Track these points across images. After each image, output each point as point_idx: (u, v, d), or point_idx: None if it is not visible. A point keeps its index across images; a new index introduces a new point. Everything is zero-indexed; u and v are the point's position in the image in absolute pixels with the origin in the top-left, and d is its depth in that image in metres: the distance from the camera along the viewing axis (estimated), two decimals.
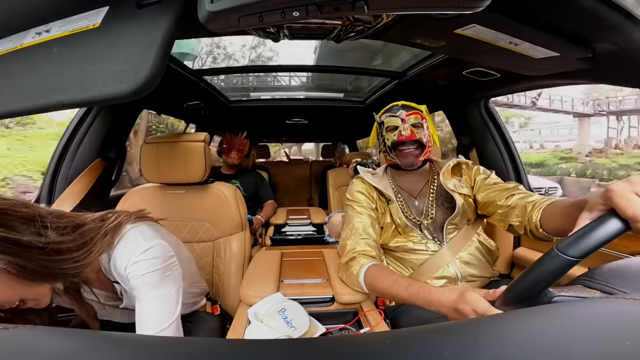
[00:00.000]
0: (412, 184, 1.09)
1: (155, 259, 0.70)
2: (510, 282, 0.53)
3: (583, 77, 0.97)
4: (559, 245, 0.46)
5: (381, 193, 1.06)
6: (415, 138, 1.00)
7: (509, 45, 0.78)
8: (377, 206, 1.06)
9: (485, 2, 0.42)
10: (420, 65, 1.44)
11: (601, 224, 0.46)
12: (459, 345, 0.28)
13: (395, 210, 1.02)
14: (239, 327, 0.82)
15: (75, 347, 0.30)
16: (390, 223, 1.02)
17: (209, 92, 1.86)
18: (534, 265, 0.47)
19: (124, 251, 0.69)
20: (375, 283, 0.85)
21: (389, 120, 1.04)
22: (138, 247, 0.69)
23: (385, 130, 1.06)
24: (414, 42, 0.90)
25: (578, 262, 0.44)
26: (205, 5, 0.42)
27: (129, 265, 0.68)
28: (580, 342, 0.25)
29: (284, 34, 0.83)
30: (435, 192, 1.05)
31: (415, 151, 1.03)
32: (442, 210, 1.02)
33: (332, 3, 0.42)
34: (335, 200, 2.56)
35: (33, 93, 0.45)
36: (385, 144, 1.06)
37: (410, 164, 1.04)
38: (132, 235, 0.71)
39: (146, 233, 0.73)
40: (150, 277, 0.69)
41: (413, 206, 1.05)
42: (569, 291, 0.47)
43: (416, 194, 1.07)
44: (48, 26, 0.48)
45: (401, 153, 1.03)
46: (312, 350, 0.29)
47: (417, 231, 1.00)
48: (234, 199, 1.27)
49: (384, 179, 1.11)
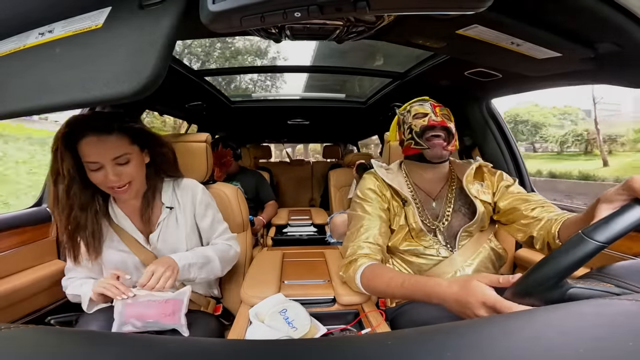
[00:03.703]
0: (430, 183, 1.02)
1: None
2: (525, 271, 0.50)
3: (585, 78, 0.97)
4: (584, 229, 0.45)
5: (396, 192, 0.99)
6: (446, 125, 0.95)
7: (511, 46, 0.78)
8: (390, 206, 0.99)
9: (487, 3, 0.42)
10: (421, 66, 1.44)
11: (628, 210, 0.46)
12: (461, 346, 0.27)
13: (411, 213, 0.95)
14: (240, 327, 0.82)
15: (75, 346, 0.30)
16: (404, 225, 0.96)
17: (211, 92, 1.86)
18: (557, 251, 0.46)
19: (190, 182, 1.04)
20: (372, 283, 0.84)
21: (418, 108, 0.99)
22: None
23: (412, 117, 0.99)
24: (416, 42, 0.90)
25: (605, 247, 0.43)
26: (207, 5, 0.42)
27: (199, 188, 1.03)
28: (587, 343, 0.25)
29: (286, 35, 0.83)
30: (454, 196, 0.99)
31: (443, 141, 0.95)
32: (459, 215, 0.97)
33: (333, 4, 0.42)
34: (337, 201, 2.55)
35: (35, 93, 0.45)
36: (411, 130, 0.99)
37: (438, 155, 0.95)
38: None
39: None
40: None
41: (430, 208, 0.99)
42: (585, 283, 0.45)
43: (434, 195, 1.00)
44: (51, 26, 0.48)
45: (430, 141, 0.95)
46: (313, 350, 0.29)
47: (430, 235, 0.95)
48: (236, 200, 1.27)
49: (399, 175, 1.04)
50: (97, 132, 0.80)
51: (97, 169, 0.81)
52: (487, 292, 0.56)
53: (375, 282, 0.83)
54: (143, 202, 0.95)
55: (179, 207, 1.00)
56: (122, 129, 0.84)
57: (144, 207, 0.94)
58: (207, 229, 1.03)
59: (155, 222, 0.96)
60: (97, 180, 0.83)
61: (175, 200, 1.00)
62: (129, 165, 0.85)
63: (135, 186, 0.89)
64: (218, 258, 0.98)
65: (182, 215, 1.00)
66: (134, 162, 0.86)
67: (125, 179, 0.85)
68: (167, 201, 0.98)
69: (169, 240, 0.96)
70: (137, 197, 0.94)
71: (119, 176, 0.83)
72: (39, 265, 1.16)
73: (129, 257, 0.93)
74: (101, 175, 0.82)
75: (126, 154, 0.84)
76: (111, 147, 0.81)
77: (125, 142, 0.85)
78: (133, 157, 0.86)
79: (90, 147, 0.79)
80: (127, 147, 0.85)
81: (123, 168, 0.84)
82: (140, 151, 0.90)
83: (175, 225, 0.98)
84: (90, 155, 0.80)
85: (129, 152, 0.85)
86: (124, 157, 0.84)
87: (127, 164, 0.85)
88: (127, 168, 0.85)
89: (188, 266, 0.89)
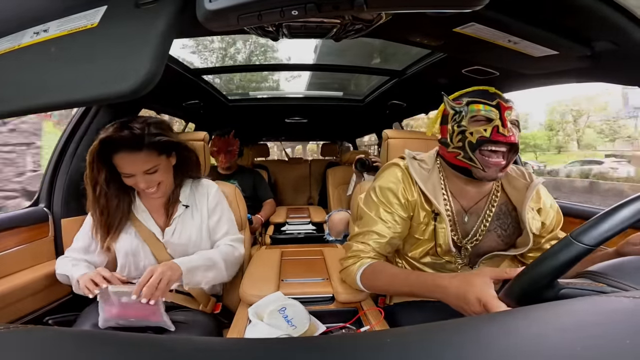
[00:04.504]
0: (468, 194, 0.85)
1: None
2: (517, 273, 0.51)
3: (582, 76, 0.97)
4: (573, 232, 0.45)
5: (427, 200, 0.82)
6: (515, 141, 0.73)
7: (508, 44, 0.78)
8: (415, 215, 0.84)
9: (484, 1, 0.42)
10: (419, 64, 1.44)
11: (616, 212, 0.45)
12: (459, 343, 0.28)
13: (443, 232, 0.81)
14: (240, 326, 0.82)
15: (75, 346, 0.30)
16: (430, 240, 0.83)
17: (208, 91, 1.85)
18: (545, 253, 0.46)
19: (207, 182, 1.13)
20: (374, 280, 0.82)
21: (481, 108, 0.75)
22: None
23: (469, 119, 0.76)
24: (413, 40, 0.90)
25: (592, 250, 0.43)
26: (204, 4, 0.42)
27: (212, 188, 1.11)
28: (585, 341, 0.25)
29: (283, 33, 0.83)
30: (494, 211, 0.83)
31: (504, 160, 0.75)
32: (493, 236, 0.83)
33: (331, 1, 0.42)
34: (335, 199, 2.56)
35: (31, 92, 0.45)
36: (464, 138, 0.76)
37: (492, 178, 0.76)
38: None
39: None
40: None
41: (461, 223, 0.84)
42: (577, 284, 0.46)
43: (469, 208, 0.84)
44: (46, 26, 0.48)
45: (487, 159, 0.74)
46: (312, 349, 0.29)
47: (454, 251, 0.83)
48: (234, 198, 1.26)
49: (434, 176, 0.85)
50: (129, 149, 0.89)
51: (129, 177, 0.92)
52: (484, 288, 0.56)
53: (377, 279, 0.81)
54: (166, 199, 1.04)
55: (195, 205, 1.07)
56: (150, 145, 0.91)
57: (166, 204, 1.04)
58: (213, 227, 1.08)
59: (172, 217, 1.03)
60: (130, 184, 0.94)
61: (191, 199, 1.08)
62: (157, 173, 0.95)
63: (163, 187, 0.99)
64: (223, 260, 1.01)
65: (197, 213, 1.07)
66: (162, 169, 0.96)
67: (155, 183, 0.96)
68: (184, 199, 1.06)
69: (183, 235, 1.03)
70: (163, 195, 1.03)
71: (149, 183, 0.94)
72: (37, 265, 1.15)
73: (142, 247, 1.00)
74: (133, 181, 0.93)
75: (155, 166, 0.94)
76: (142, 161, 0.91)
77: (154, 155, 0.93)
78: (161, 166, 0.96)
79: (124, 161, 0.90)
80: (155, 159, 0.94)
81: (152, 176, 0.94)
82: (167, 157, 0.99)
83: (190, 222, 1.05)
84: (124, 168, 0.91)
85: (157, 164, 0.94)
86: (153, 168, 0.93)
87: (156, 172, 0.94)
88: (156, 175, 0.95)
89: (192, 269, 0.93)
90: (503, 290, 0.54)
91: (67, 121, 1.33)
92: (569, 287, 0.45)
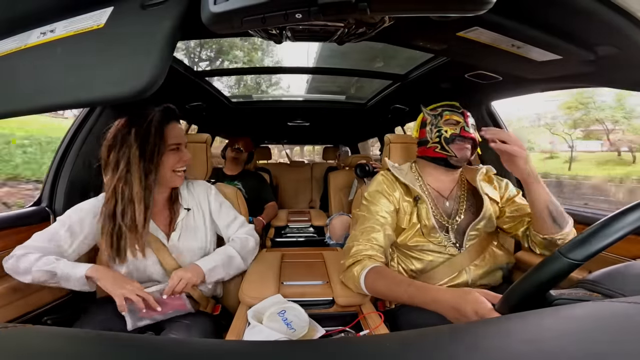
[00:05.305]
0: (444, 184, 1.07)
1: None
2: (510, 286, 0.52)
3: (585, 81, 0.97)
4: (561, 248, 0.46)
5: (407, 191, 1.04)
6: (475, 138, 1.00)
7: (511, 48, 0.78)
8: (400, 207, 1.02)
9: (487, 5, 0.42)
10: (422, 68, 1.44)
11: (605, 229, 0.46)
12: (459, 347, 0.27)
13: (425, 210, 0.99)
14: (239, 328, 0.81)
15: (75, 346, 0.30)
16: (416, 223, 1.00)
17: (211, 93, 1.86)
18: (535, 268, 0.48)
19: (203, 183, 1.14)
20: (376, 284, 0.85)
21: (451, 115, 1.02)
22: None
23: (443, 122, 1.02)
24: (416, 44, 0.90)
25: (580, 265, 0.44)
26: (208, 6, 0.42)
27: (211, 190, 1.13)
28: (580, 345, 0.25)
29: (287, 36, 0.83)
30: (466, 195, 1.05)
31: (469, 150, 1.01)
32: (469, 214, 1.02)
33: (334, 5, 0.42)
34: (336, 203, 2.55)
35: (37, 92, 0.45)
36: (440, 135, 1.02)
37: (464, 158, 1.01)
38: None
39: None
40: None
41: (443, 207, 1.03)
42: (570, 294, 0.47)
43: (447, 195, 1.05)
44: (53, 26, 0.48)
45: (458, 147, 1.00)
46: (311, 352, 0.29)
47: (440, 233, 0.98)
48: (235, 200, 1.26)
49: (410, 175, 1.07)
50: (177, 120, 1.00)
51: (176, 149, 0.97)
52: (481, 302, 0.61)
53: (379, 283, 0.84)
54: (168, 202, 1.04)
55: (196, 208, 1.08)
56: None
57: (169, 205, 1.04)
58: (225, 226, 1.11)
59: (175, 222, 1.03)
60: (174, 159, 0.97)
61: (191, 201, 1.08)
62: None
63: (185, 174, 1.03)
64: (238, 253, 1.05)
65: (199, 215, 1.07)
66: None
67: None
68: (185, 203, 1.06)
69: (188, 239, 1.03)
70: (166, 199, 1.04)
71: (188, 154, 1.01)
72: None
73: (148, 253, 0.99)
74: (177, 157, 0.98)
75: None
76: (184, 132, 0.98)
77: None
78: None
79: (176, 131, 0.98)
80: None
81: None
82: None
83: (193, 225, 1.05)
84: (177, 138, 0.97)
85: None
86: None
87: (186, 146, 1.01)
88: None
89: (213, 269, 0.97)
90: (498, 303, 0.57)
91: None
92: (562, 298, 0.46)
